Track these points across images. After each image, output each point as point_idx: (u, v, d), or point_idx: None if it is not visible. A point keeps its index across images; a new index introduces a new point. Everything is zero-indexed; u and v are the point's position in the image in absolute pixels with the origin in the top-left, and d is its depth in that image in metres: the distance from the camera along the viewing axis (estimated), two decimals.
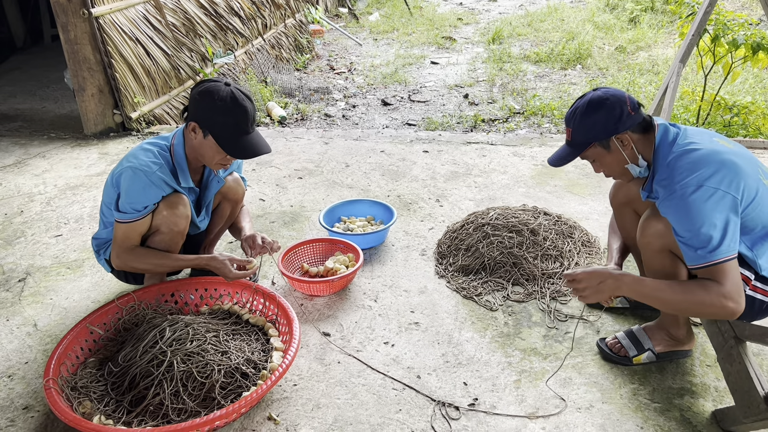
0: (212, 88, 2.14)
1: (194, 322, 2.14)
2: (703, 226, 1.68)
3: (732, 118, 4.54)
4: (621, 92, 1.91)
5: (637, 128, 1.90)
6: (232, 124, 2.15)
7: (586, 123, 1.91)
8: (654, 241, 1.92)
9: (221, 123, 2.14)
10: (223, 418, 1.80)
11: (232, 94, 2.13)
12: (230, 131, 2.16)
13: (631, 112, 1.88)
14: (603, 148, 1.94)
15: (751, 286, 1.83)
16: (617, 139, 1.90)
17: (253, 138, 2.21)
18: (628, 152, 1.92)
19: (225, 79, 2.21)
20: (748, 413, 1.76)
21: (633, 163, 1.95)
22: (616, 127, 1.88)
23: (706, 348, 2.24)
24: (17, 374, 2.20)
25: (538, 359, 2.22)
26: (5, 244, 3.11)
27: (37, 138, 4.69)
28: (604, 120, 1.88)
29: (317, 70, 7.05)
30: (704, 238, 1.68)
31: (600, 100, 1.89)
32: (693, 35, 4.16)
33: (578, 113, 1.93)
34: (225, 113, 2.13)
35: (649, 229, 1.93)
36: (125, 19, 4.63)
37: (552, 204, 3.37)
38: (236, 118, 2.14)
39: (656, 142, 1.89)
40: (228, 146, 2.17)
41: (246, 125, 2.17)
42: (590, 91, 1.95)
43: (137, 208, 2.15)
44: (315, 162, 4.11)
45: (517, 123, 5.17)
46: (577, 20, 8.77)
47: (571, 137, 1.97)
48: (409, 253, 2.95)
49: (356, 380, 2.14)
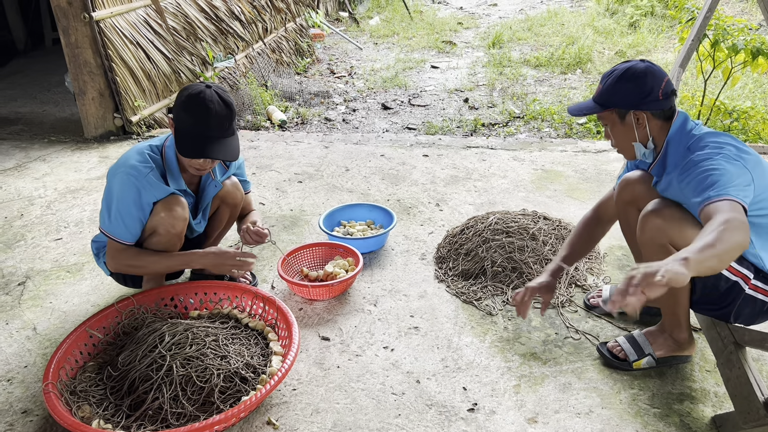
0: (191, 86, 2.14)
1: (193, 326, 2.14)
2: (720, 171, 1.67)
3: (732, 123, 4.55)
4: (663, 74, 1.93)
5: (658, 113, 1.93)
6: (191, 122, 2.10)
7: (615, 87, 1.94)
8: (655, 235, 1.92)
9: (181, 118, 2.12)
10: (223, 422, 1.80)
11: (201, 93, 2.09)
12: (187, 128, 2.12)
13: (660, 97, 1.90)
14: (619, 117, 1.97)
15: (750, 285, 1.83)
16: (634, 115, 1.94)
17: (212, 141, 2.12)
18: (641, 131, 1.95)
19: (210, 82, 2.20)
20: (747, 419, 1.76)
21: (641, 143, 1.97)
22: (638, 103, 1.91)
23: (705, 353, 2.24)
24: (16, 378, 2.20)
25: (538, 364, 2.22)
26: (5, 248, 3.11)
27: (38, 141, 4.69)
28: (631, 92, 1.91)
29: (317, 74, 7.06)
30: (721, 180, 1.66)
31: (637, 73, 1.91)
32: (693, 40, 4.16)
33: (614, 75, 1.95)
34: (186, 108, 2.10)
35: (648, 225, 1.93)
36: (126, 22, 4.64)
37: (552, 208, 3.37)
38: (195, 117, 2.09)
39: (672, 128, 1.92)
40: (180, 142, 2.13)
41: (204, 125, 2.09)
42: (636, 60, 1.97)
43: (129, 215, 2.15)
44: (315, 166, 4.11)
45: (517, 127, 5.18)
46: (577, 25, 8.79)
47: (598, 94, 2.00)
48: (409, 258, 2.95)
49: (355, 385, 2.14)
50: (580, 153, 4.22)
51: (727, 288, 1.86)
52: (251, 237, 2.44)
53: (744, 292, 1.85)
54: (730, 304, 1.88)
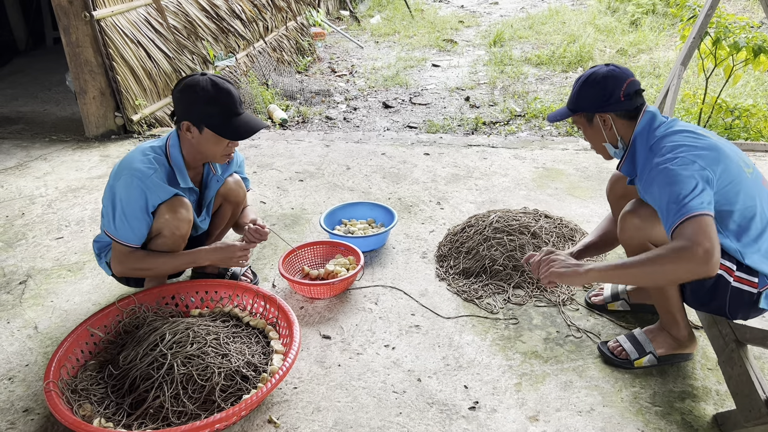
0: (191, 82, 2.16)
1: (194, 324, 2.14)
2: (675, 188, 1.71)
3: (733, 121, 4.54)
4: (625, 76, 1.98)
5: (622, 113, 2.00)
6: (221, 110, 2.16)
7: (581, 93, 2.04)
8: (633, 234, 2.01)
9: (210, 112, 2.15)
10: (223, 421, 1.80)
11: (211, 82, 2.15)
12: (222, 117, 2.17)
13: (622, 98, 1.97)
14: (587, 120, 2.07)
15: (734, 277, 1.84)
16: (600, 117, 2.02)
17: (245, 118, 2.22)
18: (608, 132, 2.04)
19: (200, 71, 2.22)
20: (749, 417, 1.76)
21: (611, 143, 2.06)
22: (601, 107, 2.00)
23: (707, 351, 2.24)
24: (18, 377, 2.20)
25: (539, 362, 2.22)
26: (6, 247, 3.11)
27: (39, 140, 4.70)
28: (594, 96, 2.00)
29: (318, 73, 7.06)
30: (676, 199, 1.70)
31: (598, 78, 2.00)
32: (694, 38, 4.16)
33: (579, 81, 2.06)
34: (210, 102, 2.14)
35: (627, 224, 2.02)
36: (126, 21, 4.64)
37: (553, 207, 3.36)
38: (222, 103, 2.15)
39: (638, 128, 1.98)
40: (224, 131, 2.18)
41: (234, 107, 2.18)
42: (601, 65, 2.04)
43: (135, 218, 2.15)
44: (316, 164, 4.11)
45: (518, 126, 5.17)
46: (579, 23, 8.78)
47: (569, 100, 2.11)
48: (410, 256, 2.95)
49: (356, 383, 2.14)
50: (582, 151, 4.22)
51: (713, 282, 1.87)
52: (253, 235, 2.45)
53: (730, 285, 1.85)
54: (719, 298, 1.89)
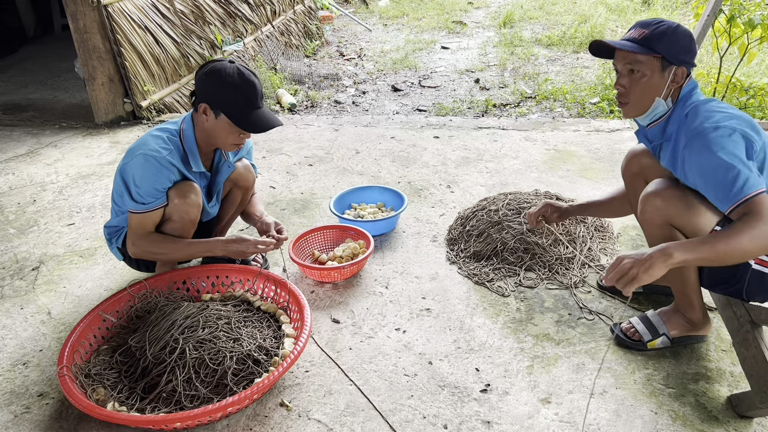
0: (218, 66, 2.14)
1: (206, 309, 2.15)
2: (726, 163, 1.67)
3: (748, 100, 4.47)
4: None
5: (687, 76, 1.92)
6: (243, 100, 2.15)
7: (670, 38, 1.85)
8: (654, 215, 1.95)
9: (232, 100, 2.14)
10: (236, 404, 1.80)
11: (238, 71, 2.15)
12: (242, 107, 2.16)
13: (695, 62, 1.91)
14: (661, 67, 1.88)
15: (756, 260, 1.81)
16: (678, 70, 1.88)
17: (264, 112, 2.22)
18: (673, 87, 1.92)
19: (229, 58, 2.21)
20: (764, 398, 1.74)
21: (663, 99, 1.93)
22: (684, 59, 1.87)
23: (721, 333, 2.22)
24: (32, 362, 2.22)
25: (551, 345, 2.21)
26: (19, 233, 3.13)
27: (49, 127, 4.71)
28: (682, 47, 1.86)
29: (327, 57, 7.02)
30: (731, 176, 1.67)
31: (686, 31, 1.87)
32: (708, 16, 4.08)
33: (665, 26, 1.86)
34: (234, 90, 2.13)
35: (648, 205, 1.96)
36: (134, 6, 4.62)
37: (564, 189, 3.33)
38: (246, 94, 2.15)
39: (683, 91, 1.92)
40: (242, 122, 2.17)
41: (256, 100, 2.18)
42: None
43: (151, 195, 2.16)
44: (325, 149, 4.10)
45: (528, 107, 5.12)
46: (590, 2, 8.65)
47: (645, 38, 1.88)
48: (420, 240, 2.93)
49: (368, 366, 2.14)
50: (593, 132, 4.17)
51: (734, 264, 1.83)
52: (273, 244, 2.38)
53: (751, 268, 1.82)
54: (739, 281, 1.86)
